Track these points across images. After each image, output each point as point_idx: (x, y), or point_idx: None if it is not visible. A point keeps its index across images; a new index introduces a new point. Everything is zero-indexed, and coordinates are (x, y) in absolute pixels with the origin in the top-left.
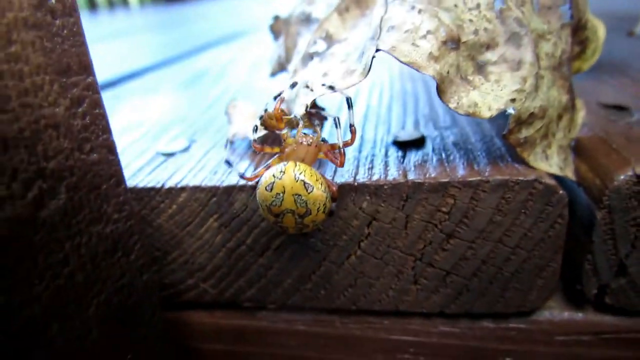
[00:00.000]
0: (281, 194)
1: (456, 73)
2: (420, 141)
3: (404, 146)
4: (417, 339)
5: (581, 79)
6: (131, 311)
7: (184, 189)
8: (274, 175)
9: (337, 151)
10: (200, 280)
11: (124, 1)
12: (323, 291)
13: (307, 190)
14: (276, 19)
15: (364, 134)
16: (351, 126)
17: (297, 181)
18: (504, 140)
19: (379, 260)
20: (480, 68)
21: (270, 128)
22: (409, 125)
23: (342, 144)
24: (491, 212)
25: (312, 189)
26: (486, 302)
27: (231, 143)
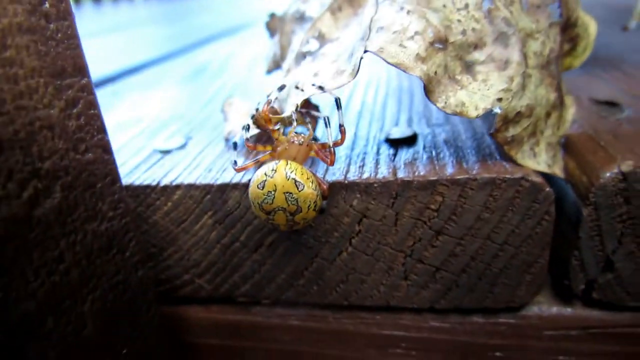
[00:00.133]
0: (273, 192)
1: (444, 73)
2: (412, 139)
3: (396, 144)
4: (408, 334)
5: (575, 74)
6: (126, 307)
7: (178, 186)
8: (265, 174)
9: (327, 150)
10: (195, 276)
11: None
12: (316, 287)
13: (298, 189)
14: (272, 16)
15: (357, 131)
16: (341, 126)
17: (289, 179)
18: (492, 138)
19: (369, 257)
20: (468, 67)
21: (262, 127)
22: (402, 122)
23: (332, 144)
24: (479, 210)
25: (303, 187)
26: (475, 298)
27: (234, 145)
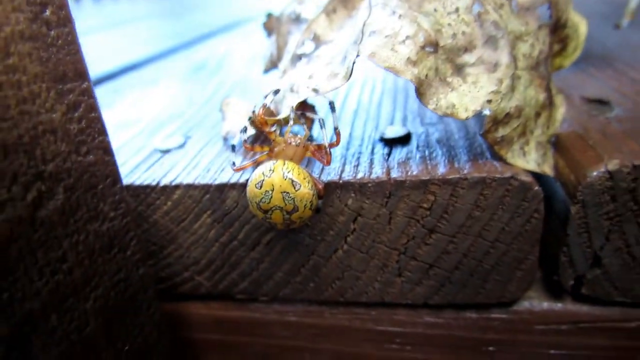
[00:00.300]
0: (270, 192)
1: (435, 76)
2: (406, 138)
3: (390, 143)
4: (403, 330)
5: (567, 72)
6: (128, 304)
7: (178, 186)
8: (263, 174)
9: (324, 151)
10: (195, 274)
11: None
12: (312, 284)
13: (294, 188)
14: (269, 16)
15: (352, 131)
16: (335, 129)
17: (286, 179)
18: (483, 138)
19: (364, 254)
20: (459, 70)
21: (259, 129)
22: (397, 121)
23: (328, 145)
24: (470, 208)
25: (300, 186)
26: (468, 294)
27: (232, 148)
